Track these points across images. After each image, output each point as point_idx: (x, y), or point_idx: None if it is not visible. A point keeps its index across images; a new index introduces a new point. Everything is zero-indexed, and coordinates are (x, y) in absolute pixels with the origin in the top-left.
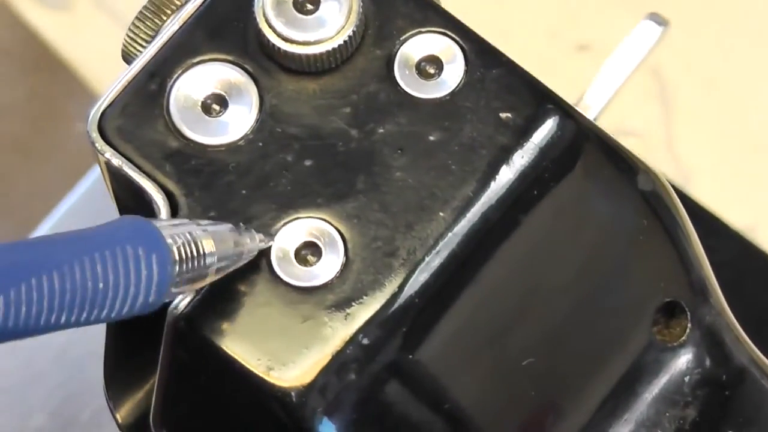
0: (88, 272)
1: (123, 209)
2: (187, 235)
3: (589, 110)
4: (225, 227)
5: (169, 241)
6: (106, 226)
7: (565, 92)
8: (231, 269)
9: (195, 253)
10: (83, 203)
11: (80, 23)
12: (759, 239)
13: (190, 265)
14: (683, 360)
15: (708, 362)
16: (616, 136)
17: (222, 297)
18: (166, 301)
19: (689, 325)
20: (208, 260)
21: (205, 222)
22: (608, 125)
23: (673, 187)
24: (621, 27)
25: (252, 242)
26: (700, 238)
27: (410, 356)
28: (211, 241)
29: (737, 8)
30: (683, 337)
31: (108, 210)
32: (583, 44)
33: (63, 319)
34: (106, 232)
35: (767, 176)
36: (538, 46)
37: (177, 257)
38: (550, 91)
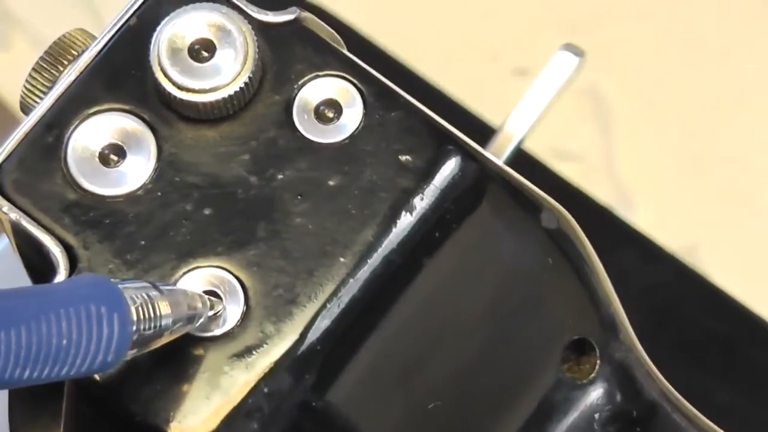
0: (54, 328)
1: (27, 264)
2: (145, 295)
3: (511, 140)
4: (179, 290)
5: (129, 301)
6: (68, 282)
7: (503, 115)
8: (181, 333)
9: (152, 315)
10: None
11: (19, 63)
12: (699, 258)
13: (147, 326)
14: (593, 396)
15: (619, 398)
16: (554, 160)
17: None
18: (122, 361)
19: (599, 361)
20: (164, 322)
21: (161, 284)
22: (545, 148)
23: (609, 211)
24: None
25: (204, 307)
26: (638, 262)
27: (314, 404)
28: (167, 303)
29: (673, 27)
30: (593, 374)
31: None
32: (521, 68)
33: (25, 374)
34: (68, 288)
35: (707, 195)
36: (478, 69)
37: (135, 317)
38: (451, 133)
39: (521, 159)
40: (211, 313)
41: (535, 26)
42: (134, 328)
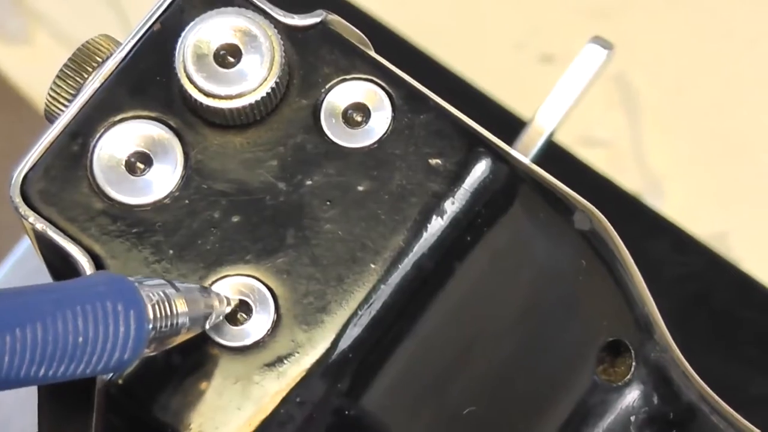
0: (70, 325)
1: (52, 271)
2: (161, 293)
3: (540, 135)
4: (195, 288)
5: (145, 298)
6: (85, 280)
7: (529, 104)
8: (198, 331)
9: (168, 312)
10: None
11: (40, 57)
12: (730, 246)
13: (163, 324)
14: (629, 399)
15: (655, 400)
16: (582, 148)
17: (152, 360)
18: (138, 359)
19: (634, 363)
20: (180, 320)
21: (177, 281)
22: (574, 136)
23: (639, 200)
24: (584, 38)
25: (220, 305)
26: (668, 252)
27: (348, 412)
28: (183, 301)
29: (702, 13)
30: (628, 376)
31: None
32: (548, 55)
33: (42, 372)
34: (84, 285)
35: (737, 182)
36: (504, 57)
37: (152, 315)
38: (481, 134)
39: (549, 148)
40: (228, 309)
41: (560, 12)
42: (151, 325)
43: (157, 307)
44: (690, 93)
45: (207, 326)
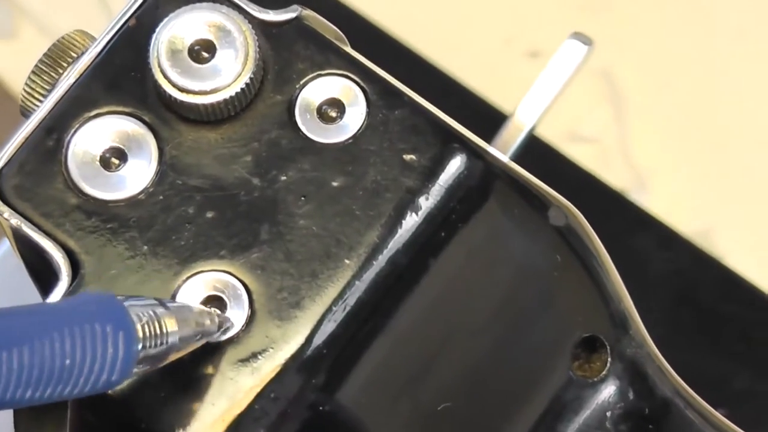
0: (57, 348)
1: (30, 268)
2: (151, 312)
3: (520, 130)
4: (186, 307)
5: (134, 318)
6: (73, 300)
7: (517, 100)
8: (190, 349)
9: (158, 332)
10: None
11: (25, 51)
12: (715, 242)
13: (153, 343)
14: (605, 395)
15: (631, 395)
16: (568, 143)
17: None
18: (127, 379)
19: (609, 359)
20: (170, 339)
21: (168, 300)
22: (560, 132)
23: (624, 196)
24: (570, 34)
25: (212, 324)
26: (654, 248)
27: (323, 408)
28: (173, 320)
29: (688, 8)
30: (604, 372)
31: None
32: (535, 51)
33: (28, 394)
34: (72, 306)
35: (722, 178)
36: (491, 53)
37: (141, 335)
38: (456, 130)
39: (534, 144)
40: (218, 333)
41: (546, 7)
42: (140, 346)
43: (146, 326)
44: (677, 89)
45: (201, 343)
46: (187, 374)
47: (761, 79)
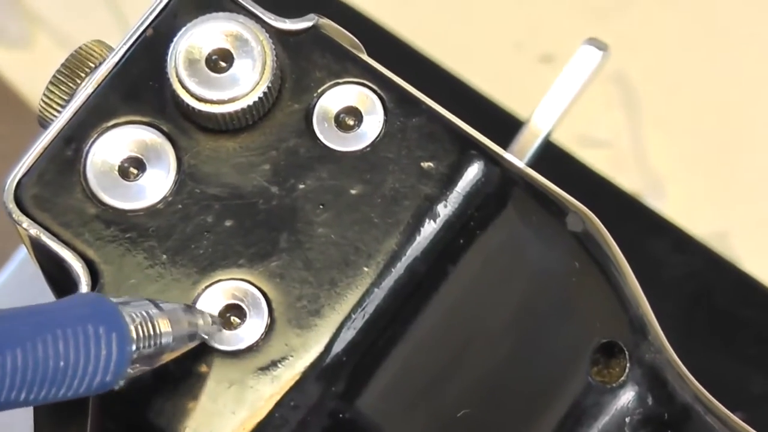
0: (51, 350)
1: (47, 276)
2: (144, 313)
3: (536, 136)
4: (179, 307)
5: (128, 319)
6: (66, 302)
7: (530, 105)
8: (183, 350)
9: (151, 333)
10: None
11: (40, 61)
12: (730, 245)
13: (146, 344)
14: (624, 400)
15: (650, 401)
16: (581, 148)
17: None
18: (123, 380)
19: (628, 364)
20: (164, 340)
21: (160, 301)
22: (574, 137)
23: (638, 201)
24: (584, 38)
25: (205, 325)
26: (669, 252)
27: (342, 415)
28: (167, 321)
29: (701, 12)
30: (623, 377)
31: None
32: (547, 56)
33: (22, 396)
34: (65, 308)
35: (737, 181)
36: (504, 58)
37: (135, 336)
38: (474, 137)
39: (548, 149)
40: (215, 330)
41: (558, 12)
42: (134, 347)
43: (140, 327)
44: (690, 92)
45: (195, 343)
46: (207, 383)
47: None
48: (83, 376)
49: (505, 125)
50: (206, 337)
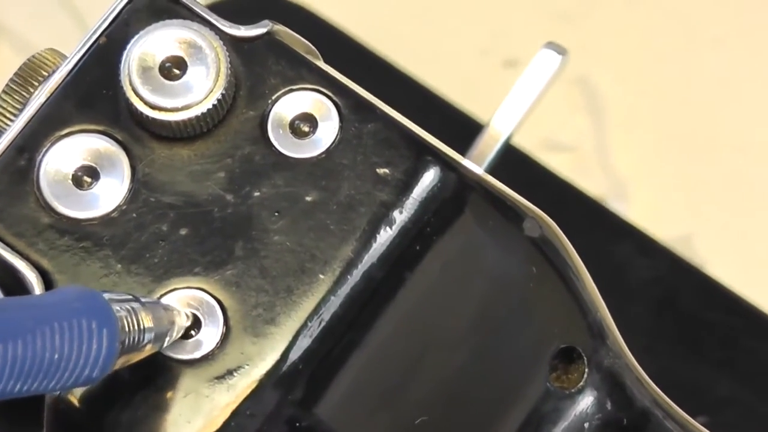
0: (47, 342)
1: (3, 288)
2: (129, 308)
3: (496, 140)
4: (159, 304)
5: (117, 315)
6: (57, 295)
7: (492, 109)
8: (160, 347)
9: (136, 328)
10: None
11: (3, 71)
12: (694, 249)
13: (131, 339)
14: (583, 406)
15: (609, 406)
16: (545, 152)
17: None
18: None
19: (587, 369)
20: (146, 336)
21: (141, 296)
22: (538, 141)
23: (602, 205)
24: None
25: (180, 320)
26: (633, 256)
27: (299, 424)
28: (149, 316)
29: (664, 15)
30: (581, 383)
31: None
32: (511, 61)
33: (17, 387)
34: (59, 301)
35: (701, 184)
36: (468, 64)
37: (122, 331)
38: (430, 143)
39: (510, 153)
40: (188, 323)
41: (522, 17)
42: (120, 342)
43: (125, 322)
44: (655, 96)
45: (166, 343)
46: (162, 392)
47: (740, 85)
48: (73, 369)
49: (470, 130)
50: (178, 335)
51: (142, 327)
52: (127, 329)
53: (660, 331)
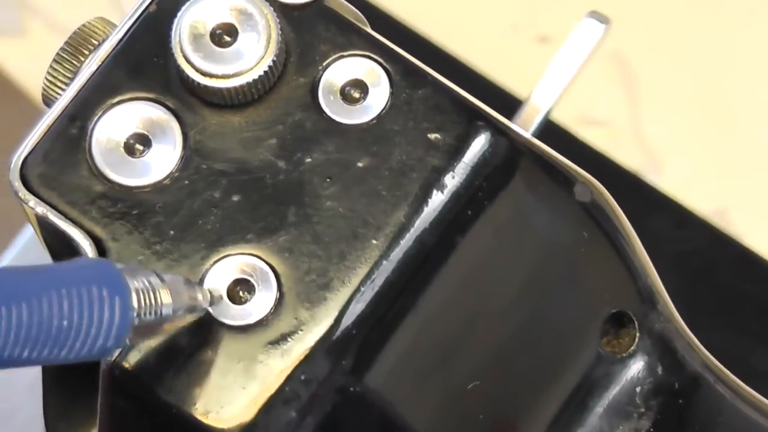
0: (55, 308)
1: (54, 256)
2: (146, 282)
3: (538, 112)
4: (180, 279)
5: (131, 285)
6: (69, 264)
7: (526, 85)
8: (182, 323)
9: (152, 302)
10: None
11: (35, 48)
12: (730, 220)
13: (147, 312)
14: (634, 370)
15: (660, 371)
16: (580, 126)
17: (155, 341)
18: (122, 348)
19: (638, 334)
20: (164, 311)
21: (162, 272)
22: (572, 115)
23: (639, 177)
24: (580, 18)
25: (204, 299)
26: (670, 228)
27: (352, 388)
28: (168, 292)
29: None
30: (633, 347)
31: None
32: (544, 36)
33: (24, 353)
34: (70, 269)
35: (737, 156)
36: (500, 39)
37: (136, 304)
38: (480, 108)
39: (547, 127)
40: (207, 305)
41: None
42: (135, 313)
43: (142, 294)
44: (689, 68)
45: (195, 316)
46: (216, 358)
47: None
48: (85, 338)
49: (503, 104)
50: (209, 308)
51: (159, 301)
52: (143, 302)
53: (697, 302)
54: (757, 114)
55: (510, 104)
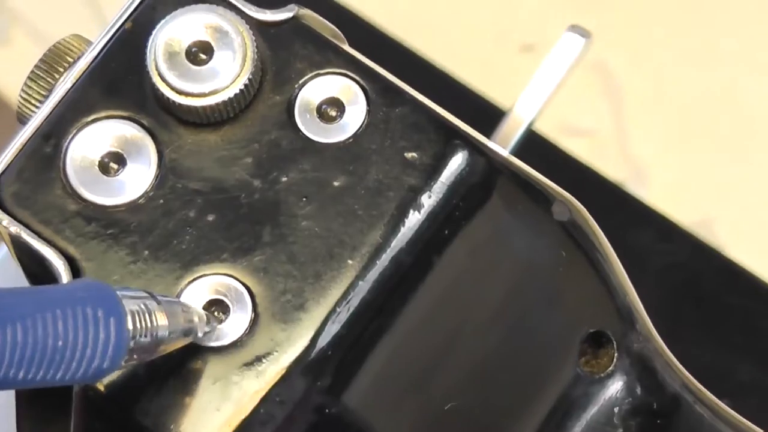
0: (50, 328)
1: (29, 275)
2: (142, 305)
3: (519, 125)
4: (176, 302)
5: (127, 307)
6: (66, 285)
7: (511, 94)
8: (177, 345)
9: (148, 324)
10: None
11: (17, 57)
12: (715, 233)
13: (143, 335)
14: (612, 390)
15: (639, 391)
16: (564, 137)
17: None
18: (117, 369)
19: (616, 354)
20: (160, 333)
21: (159, 295)
22: (556, 126)
23: (623, 189)
24: (564, 27)
25: (200, 322)
26: (654, 241)
27: (329, 410)
28: (164, 314)
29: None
30: (611, 367)
31: None
32: (528, 45)
33: (20, 375)
34: (65, 290)
35: (721, 168)
36: (484, 48)
37: (131, 325)
38: (458, 127)
39: (531, 138)
40: (207, 329)
41: (539, 1)
42: (130, 335)
43: (137, 317)
44: (673, 80)
45: (189, 339)
46: (191, 379)
47: (757, 69)
48: (81, 359)
49: (486, 115)
50: (201, 335)
51: (155, 323)
52: (139, 324)
53: (681, 315)
54: (742, 125)
55: (494, 114)
